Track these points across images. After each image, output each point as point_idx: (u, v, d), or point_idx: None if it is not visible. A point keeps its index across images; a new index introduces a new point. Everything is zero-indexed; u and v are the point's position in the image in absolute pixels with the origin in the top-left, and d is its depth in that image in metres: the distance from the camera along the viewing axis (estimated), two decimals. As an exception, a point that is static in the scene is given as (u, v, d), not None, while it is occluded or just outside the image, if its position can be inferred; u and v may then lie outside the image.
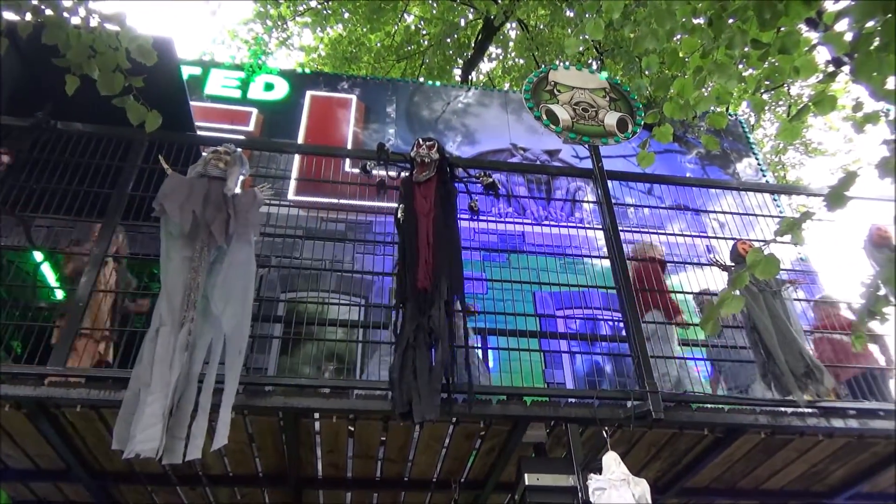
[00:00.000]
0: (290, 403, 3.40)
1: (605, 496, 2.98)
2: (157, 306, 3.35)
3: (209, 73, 8.71)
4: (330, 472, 4.28)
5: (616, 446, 3.49)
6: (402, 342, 3.43)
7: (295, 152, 7.25)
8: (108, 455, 3.89)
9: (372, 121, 8.67)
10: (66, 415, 3.55)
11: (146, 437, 2.91)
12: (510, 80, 14.53)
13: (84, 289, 3.59)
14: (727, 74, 3.57)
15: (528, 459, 3.57)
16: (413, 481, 4.38)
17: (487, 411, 3.53)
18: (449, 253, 3.73)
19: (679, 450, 4.13)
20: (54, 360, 3.32)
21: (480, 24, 13.83)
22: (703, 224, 6.54)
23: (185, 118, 5.19)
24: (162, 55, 3.44)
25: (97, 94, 3.26)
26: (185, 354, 3.20)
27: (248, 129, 8.07)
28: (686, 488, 4.46)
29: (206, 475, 4.20)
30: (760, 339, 4.13)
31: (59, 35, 3.20)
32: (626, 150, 7.26)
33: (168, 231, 3.54)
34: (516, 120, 8.92)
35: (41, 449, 3.87)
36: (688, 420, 3.64)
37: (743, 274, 2.78)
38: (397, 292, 3.73)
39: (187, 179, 3.70)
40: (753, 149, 9.59)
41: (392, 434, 3.86)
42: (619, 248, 4.14)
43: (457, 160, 4.52)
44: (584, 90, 4.98)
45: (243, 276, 3.50)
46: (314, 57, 14.56)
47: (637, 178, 5.61)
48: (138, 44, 3.27)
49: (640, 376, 3.57)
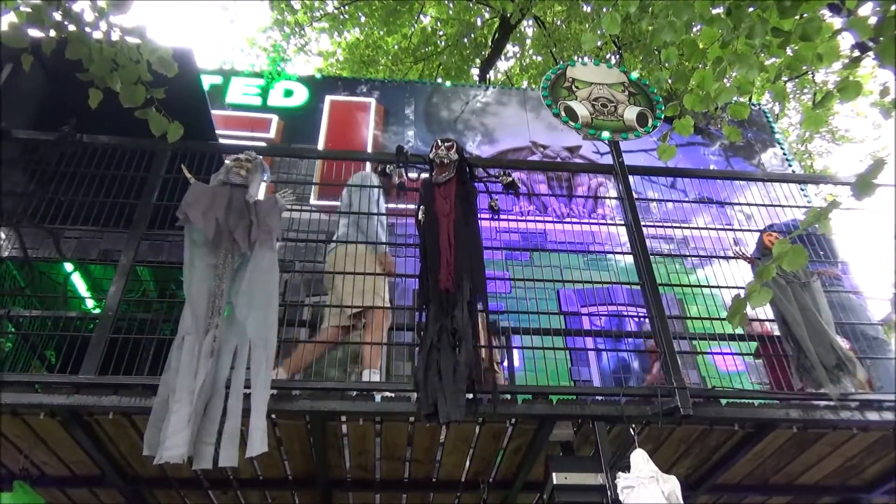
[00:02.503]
0: (317, 407, 3.42)
1: (634, 495, 2.96)
2: (182, 314, 3.40)
3: (229, 82, 8.80)
4: (358, 475, 4.31)
5: (644, 444, 3.46)
6: (425, 343, 3.43)
7: (315, 157, 7.32)
8: (141, 461, 3.96)
9: (391, 123, 8.70)
10: (99, 422, 3.62)
11: (174, 443, 2.95)
12: (528, 77, 14.48)
13: (113, 298, 3.65)
14: (748, 64, 3.52)
15: (555, 458, 3.55)
16: (441, 482, 4.38)
17: (513, 411, 3.52)
18: (470, 253, 3.73)
19: (709, 446, 4.07)
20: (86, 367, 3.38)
21: (496, 22, 13.79)
22: (729, 216, 6.47)
23: (207, 127, 5.27)
24: (182, 66, 3.49)
25: (120, 106, 3.32)
26: (211, 361, 3.25)
27: (268, 135, 8.14)
28: (717, 485, 4.40)
29: (237, 479, 4.25)
30: (790, 332, 4.06)
31: (81, 50, 3.27)
32: (647, 144, 7.18)
33: (192, 239, 3.59)
34: (535, 117, 8.88)
35: (76, 456, 3.95)
36: (717, 416, 3.58)
37: (769, 266, 2.74)
38: (420, 294, 3.74)
39: (210, 187, 3.75)
40: (778, 138, 9.43)
41: (419, 435, 3.86)
42: (642, 243, 4.10)
43: (476, 160, 4.52)
44: (603, 85, 4.95)
45: (267, 282, 3.53)
46: (332, 62, 14.67)
47: (659, 172, 5.57)
48: (159, 55, 3.32)
49: (668, 372, 3.54)
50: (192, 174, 3.88)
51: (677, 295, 5.03)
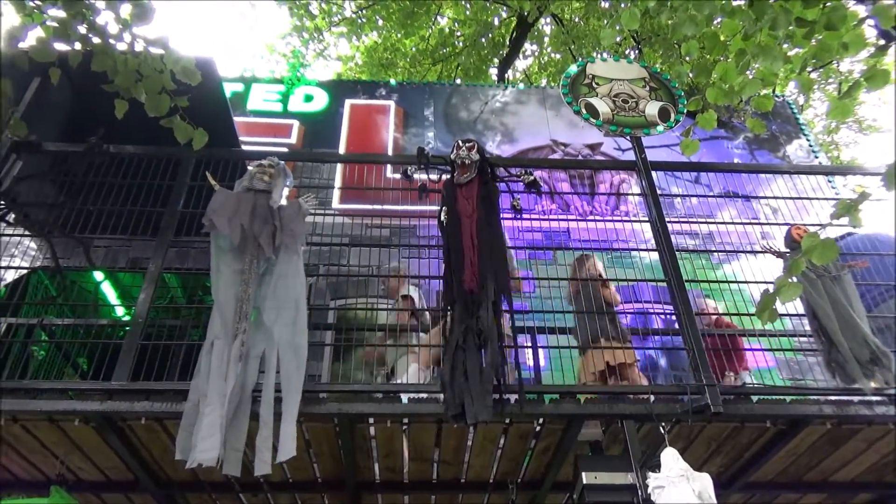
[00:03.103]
0: (345, 409, 3.44)
1: (665, 494, 2.93)
2: (210, 319, 3.44)
3: (250, 89, 8.89)
4: (387, 476, 4.32)
5: (674, 442, 3.42)
6: (451, 344, 3.43)
7: (337, 161, 7.36)
8: (173, 465, 4.01)
9: (411, 125, 8.72)
10: (132, 427, 3.68)
11: (205, 446, 2.99)
12: (547, 75, 14.42)
13: (142, 305, 3.71)
14: (771, 56, 3.46)
15: (584, 458, 3.53)
16: (470, 483, 4.38)
17: (540, 410, 3.51)
18: (494, 253, 3.72)
19: (741, 444, 4.02)
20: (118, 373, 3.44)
21: (514, 21, 13.76)
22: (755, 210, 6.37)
23: (230, 134, 5.33)
24: (204, 74, 3.54)
25: (144, 116, 3.38)
26: (239, 365, 3.28)
27: (290, 141, 8.21)
28: (750, 483, 4.34)
29: (267, 482, 4.29)
30: (821, 327, 3.99)
31: (106, 62, 3.33)
32: (669, 139, 7.10)
33: (218, 245, 3.64)
34: (555, 116, 8.84)
35: (110, 461, 4.02)
36: (748, 413, 3.53)
37: (799, 260, 2.69)
38: (444, 295, 3.74)
39: (234, 194, 3.80)
40: (804, 130, 9.27)
41: (446, 436, 3.87)
42: (667, 239, 4.06)
43: (497, 160, 4.51)
44: (623, 81, 4.91)
45: (293, 287, 3.57)
46: (351, 66, 14.75)
47: (682, 167, 5.50)
48: (182, 65, 3.37)
49: (696, 369, 3.50)
50: (217, 181, 3.93)
51: (704, 291, 4.96)
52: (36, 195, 4.52)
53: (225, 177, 4.09)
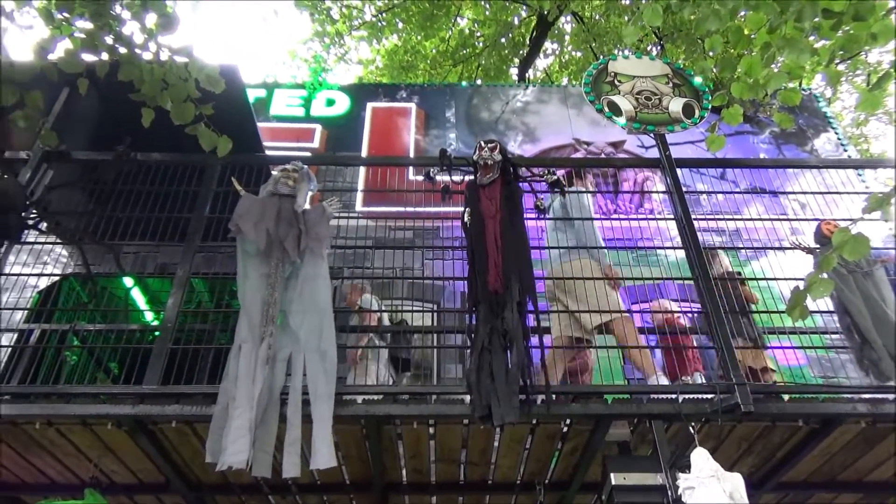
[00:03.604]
0: (372, 411, 3.46)
1: (696, 495, 2.89)
2: (238, 323, 3.48)
3: (273, 95, 8.98)
4: (414, 478, 4.33)
5: (704, 442, 3.38)
6: (477, 345, 3.43)
7: (359, 164, 7.40)
8: (204, 468, 4.06)
9: (432, 127, 8.73)
10: (163, 430, 3.73)
11: (235, 449, 3.03)
12: (568, 74, 14.34)
13: (172, 310, 3.76)
14: (798, 48, 3.40)
15: (612, 458, 3.50)
16: (497, 484, 4.37)
17: (567, 411, 3.49)
18: (518, 253, 3.71)
19: (772, 443, 3.95)
20: (149, 377, 3.49)
21: (534, 20, 13.70)
22: (783, 206, 6.27)
23: (254, 140, 5.39)
24: (228, 82, 3.58)
25: (170, 123, 3.43)
26: (267, 369, 3.32)
27: (313, 145, 8.28)
28: (782, 483, 4.26)
29: (296, 484, 4.32)
30: (854, 323, 3.92)
31: (133, 71, 3.38)
32: (693, 135, 7.03)
33: (244, 250, 3.68)
34: (577, 114, 8.79)
35: (142, 464, 4.08)
36: (779, 412, 3.47)
37: (830, 256, 2.64)
38: (469, 296, 3.74)
39: (259, 199, 3.84)
40: (832, 123, 9.11)
41: (473, 437, 3.86)
42: (693, 237, 4.01)
43: (520, 160, 4.49)
44: (646, 78, 4.86)
45: (319, 290, 3.60)
46: (372, 69, 14.81)
47: (708, 163, 5.44)
48: (207, 73, 3.42)
49: (725, 368, 3.45)
50: (242, 186, 3.98)
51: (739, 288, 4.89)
52: (66, 203, 4.62)
53: (250, 182, 4.14)
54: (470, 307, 3.68)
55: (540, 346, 3.53)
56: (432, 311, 5.86)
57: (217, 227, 4.07)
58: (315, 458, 3.08)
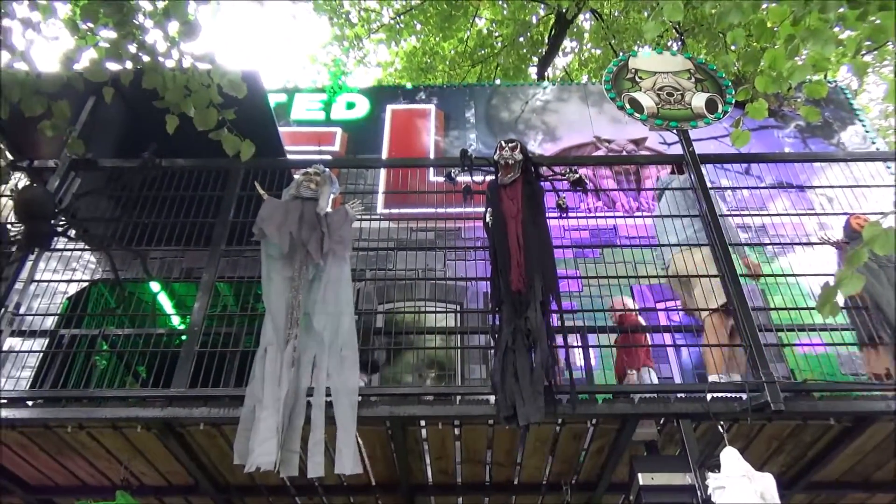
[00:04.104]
0: (396, 412, 3.47)
1: (726, 495, 2.84)
2: (263, 326, 3.51)
3: (293, 99, 9.04)
4: (440, 479, 4.33)
5: (733, 441, 3.33)
6: (500, 345, 3.42)
7: (380, 166, 7.42)
8: (231, 469, 4.11)
9: (452, 128, 8.73)
10: (191, 433, 3.77)
11: (263, 450, 3.05)
12: (588, 72, 14.25)
13: (198, 314, 3.81)
14: (822, 39, 3.34)
15: (640, 458, 3.47)
16: (523, 484, 4.36)
17: (593, 410, 3.46)
18: (540, 253, 3.69)
19: (803, 442, 3.89)
20: (177, 380, 3.53)
21: (552, 19, 13.64)
22: (810, 201, 6.17)
23: (276, 144, 5.43)
24: (250, 87, 3.61)
25: (193, 129, 3.47)
26: (292, 370, 3.35)
27: (334, 148, 8.32)
28: (814, 482, 4.19)
29: (322, 485, 4.34)
30: (886, 318, 3.83)
31: (156, 79, 3.43)
32: (716, 131, 6.93)
33: (268, 253, 3.71)
34: (598, 112, 8.73)
35: (171, 466, 4.13)
36: (811, 410, 3.41)
37: (860, 250, 2.59)
38: (492, 296, 3.73)
39: (282, 202, 3.87)
40: (858, 115, 8.93)
41: (498, 438, 3.85)
42: (719, 233, 3.96)
43: (541, 159, 4.47)
44: (668, 74, 4.81)
45: (341, 292, 3.62)
46: (391, 71, 14.86)
47: (732, 158, 5.34)
48: (229, 79, 3.45)
49: (754, 366, 3.40)
50: (265, 190, 4.01)
51: (759, 285, 4.82)
52: (94, 210, 4.69)
53: (273, 186, 4.17)
54: (493, 307, 3.67)
55: (565, 345, 3.51)
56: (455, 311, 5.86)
57: (241, 232, 4.11)
58: (339, 464, 3.09)
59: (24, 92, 3.47)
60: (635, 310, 4.99)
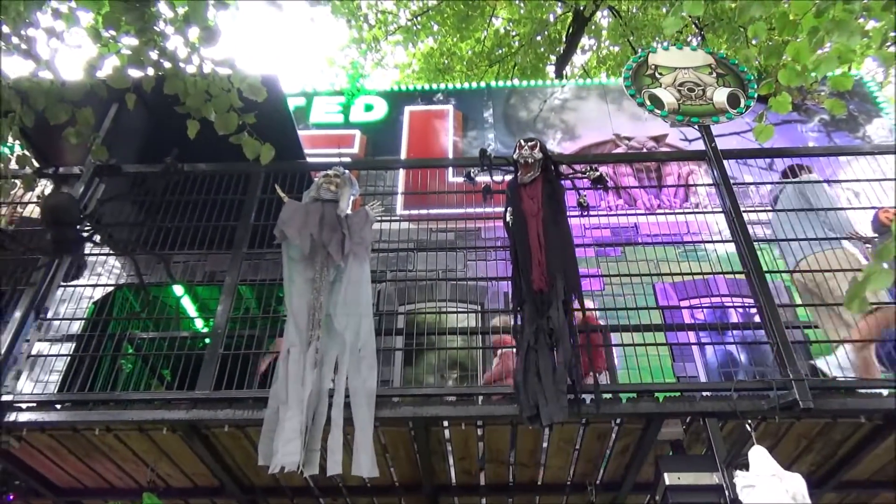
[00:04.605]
0: (419, 413, 3.46)
1: (756, 494, 2.80)
2: (286, 328, 3.53)
3: (312, 103, 9.08)
4: (463, 479, 4.32)
5: (761, 440, 3.27)
6: (522, 345, 3.40)
7: (399, 167, 7.44)
8: (256, 470, 4.13)
9: (470, 128, 8.72)
10: (216, 434, 3.81)
11: (287, 451, 3.07)
12: (606, 69, 14.16)
13: (221, 317, 3.84)
14: (847, 31, 3.28)
15: (666, 458, 3.43)
16: (547, 485, 4.33)
17: (618, 410, 3.43)
18: (562, 251, 3.67)
19: (833, 440, 3.82)
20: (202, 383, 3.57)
21: (570, 17, 13.58)
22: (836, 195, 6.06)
23: (295, 147, 5.45)
24: (269, 91, 3.63)
25: (213, 134, 3.50)
26: (315, 371, 3.36)
27: (353, 151, 8.35)
28: (844, 482, 4.11)
29: (346, 486, 4.35)
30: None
31: (177, 84, 3.46)
32: (738, 126, 6.85)
33: (290, 256, 3.74)
34: (617, 109, 8.66)
35: (196, 468, 4.17)
36: (840, 408, 3.35)
37: (889, 244, 2.53)
38: (513, 295, 3.71)
39: (303, 205, 3.89)
40: (882, 107, 8.77)
41: (521, 438, 3.83)
42: (743, 229, 3.91)
43: (561, 157, 4.45)
44: (688, 69, 4.76)
45: (362, 293, 3.63)
46: (408, 73, 14.88)
47: (756, 153, 5.28)
48: (249, 83, 3.48)
49: (782, 364, 3.34)
50: (286, 193, 4.03)
51: (785, 282, 4.75)
52: (118, 216, 4.75)
53: (293, 189, 4.20)
54: (514, 307, 3.66)
55: (587, 344, 3.48)
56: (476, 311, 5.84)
57: (262, 235, 4.13)
58: (356, 466, 3.11)
59: (49, 100, 3.53)
60: (593, 309, 4.89)
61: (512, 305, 3.69)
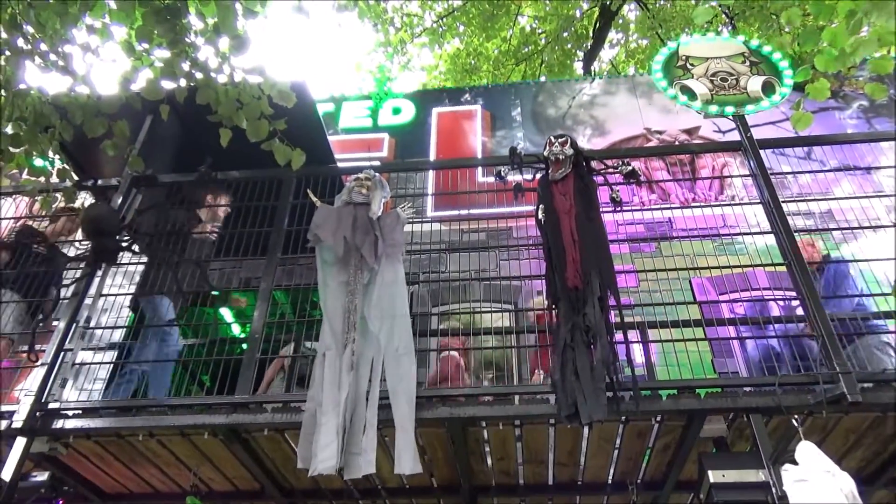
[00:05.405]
0: (456, 413, 3.45)
1: (808, 490, 2.71)
2: (321, 331, 3.56)
3: (341, 108, 9.15)
4: (502, 480, 4.30)
5: (807, 436, 3.19)
6: (559, 343, 3.37)
7: (429, 168, 7.44)
8: (296, 473, 4.17)
9: (498, 128, 8.68)
10: (256, 438, 3.85)
11: (325, 455, 3.09)
12: (635, 63, 13.97)
13: (257, 322, 3.88)
14: (887, 12, 3.18)
15: (709, 455, 3.36)
16: (587, 484, 4.28)
17: (658, 407, 3.37)
18: (596, 248, 3.63)
19: (884, 435, 3.69)
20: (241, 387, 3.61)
21: (597, 11, 13.44)
22: (877, 183, 5.89)
23: (326, 152, 5.49)
24: (299, 97, 3.67)
25: (246, 141, 3.54)
26: (351, 374, 3.37)
27: (382, 154, 8.39)
28: None
29: (385, 488, 4.37)
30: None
31: (209, 94, 3.53)
32: (773, 116, 6.69)
33: (323, 259, 3.77)
34: (647, 103, 8.54)
35: (237, 471, 4.22)
36: (891, 401, 3.24)
37: None
38: (548, 293, 3.68)
39: (335, 209, 3.92)
40: (922, 91, 8.48)
41: (560, 437, 3.80)
42: (783, 220, 3.82)
43: (592, 153, 4.39)
44: (720, 59, 4.66)
45: (396, 295, 3.64)
46: (435, 74, 14.90)
47: (793, 142, 5.16)
48: (279, 89, 3.52)
49: (828, 356, 3.25)
50: (318, 198, 4.07)
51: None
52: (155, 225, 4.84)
53: (325, 193, 4.23)
54: (549, 305, 3.62)
55: (625, 341, 3.43)
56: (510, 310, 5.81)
57: (295, 240, 4.17)
58: (399, 465, 3.11)
59: (86, 114, 3.62)
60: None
61: (546, 303, 3.66)
